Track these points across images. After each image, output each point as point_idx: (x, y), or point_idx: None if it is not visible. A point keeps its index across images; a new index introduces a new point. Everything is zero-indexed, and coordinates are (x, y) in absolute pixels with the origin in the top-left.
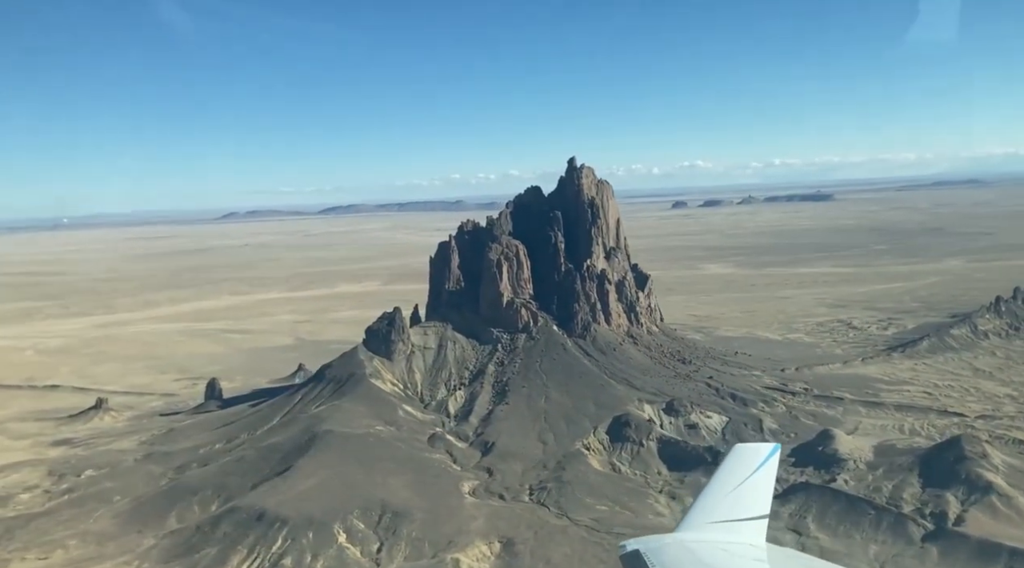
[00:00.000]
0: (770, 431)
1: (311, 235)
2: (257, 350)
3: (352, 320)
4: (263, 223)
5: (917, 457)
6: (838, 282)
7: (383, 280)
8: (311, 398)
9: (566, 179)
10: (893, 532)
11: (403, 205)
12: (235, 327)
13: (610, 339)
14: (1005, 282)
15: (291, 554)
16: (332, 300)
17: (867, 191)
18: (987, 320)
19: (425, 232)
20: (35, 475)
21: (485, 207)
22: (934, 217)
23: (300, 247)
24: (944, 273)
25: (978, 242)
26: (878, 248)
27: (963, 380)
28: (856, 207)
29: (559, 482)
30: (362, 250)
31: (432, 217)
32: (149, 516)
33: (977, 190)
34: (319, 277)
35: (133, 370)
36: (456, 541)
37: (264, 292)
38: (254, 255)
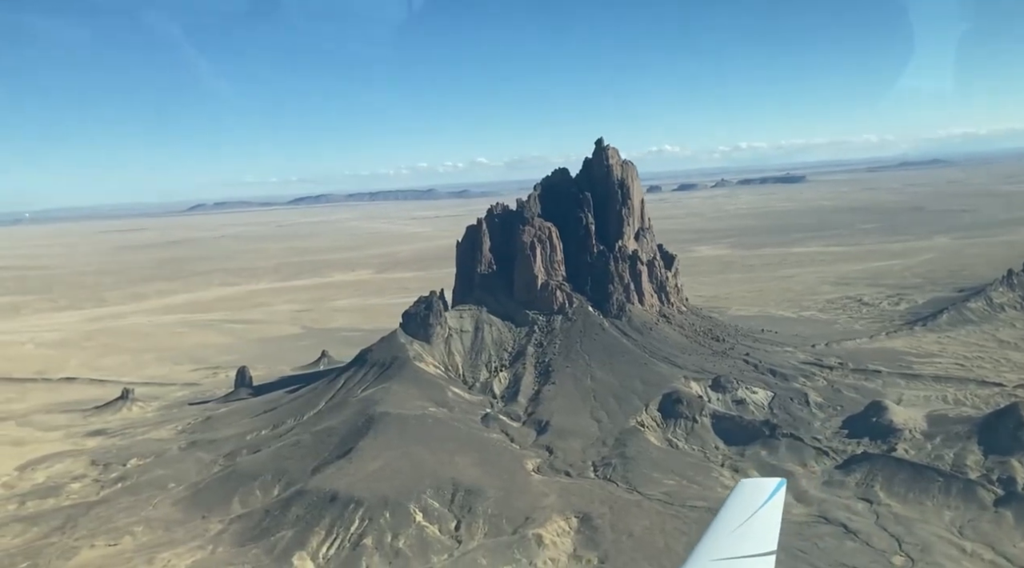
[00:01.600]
0: (816, 404)
1: (285, 225)
2: (267, 339)
3: (355, 308)
4: (233, 214)
5: (974, 425)
6: (835, 260)
7: (375, 269)
8: (355, 382)
9: (593, 160)
10: (964, 498)
11: (374, 194)
12: (235, 318)
13: (645, 319)
14: (999, 257)
15: (371, 534)
16: (328, 289)
17: (835, 172)
18: (1001, 293)
19: (402, 221)
20: (78, 465)
21: (457, 195)
22: (910, 196)
23: (278, 237)
24: (936, 250)
25: (961, 219)
26: (865, 227)
27: (990, 351)
28: (829, 188)
29: (623, 458)
30: (344, 239)
31: (405, 206)
32: (210, 501)
33: (943, 170)
34: (308, 267)
35: (145, 361)
36: (533, 517)
37: (254, 283)
38: (234, 246)
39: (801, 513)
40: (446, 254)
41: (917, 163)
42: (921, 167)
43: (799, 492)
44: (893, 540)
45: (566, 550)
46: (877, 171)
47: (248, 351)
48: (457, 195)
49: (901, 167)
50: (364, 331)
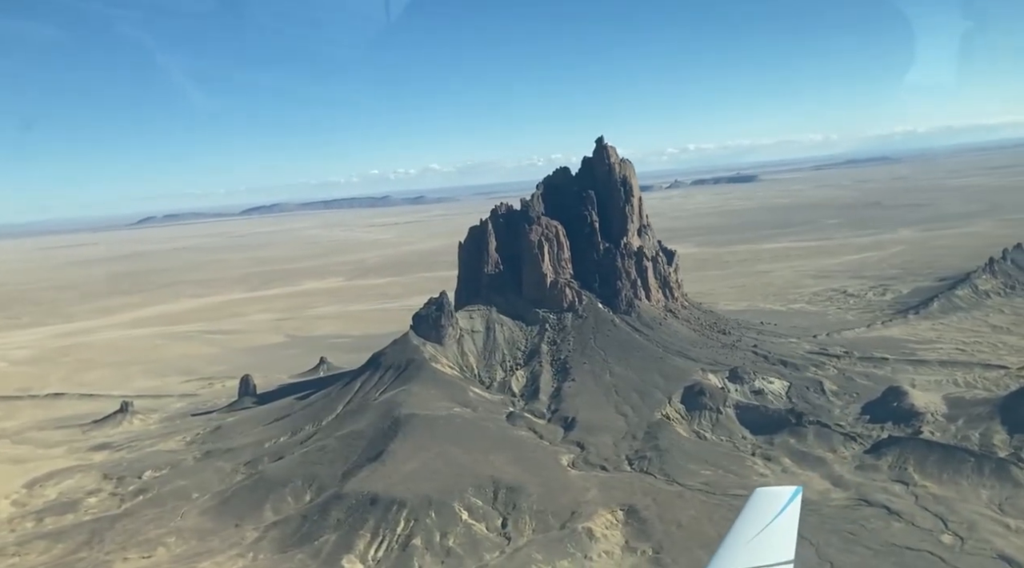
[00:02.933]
0: (831, 392)
1: (241, 236)
2: (253, 349)
3: (337, 315)
4: (185, 226)
5: (994, 406)
6: (809, 255)
7: (346, 276)
8: (372, 385)
9: (595, 158)
10: (998, 477)
11: (328, 203)
12: (213, 328)
13: (653, 314)
14: (967, 248)
15: (419, 534)
16: (302, 297)
17: (785, 171)
18: (985, 280)
19: (361, 228)
20: (90, 480)
21: (412, 201)
22: (864, 193)
23: (238, 248)
24: (905, 242)
25: (921, 213)
26: (829, 222)
27: (986, 336)
28: (782, 186)
29: (657, 450)
30: (307, 248)
31: (361, 214)
32: (241, 509)
33: (890, 166)
34: (276, 276)
35: (131, 375)
36: (579, 511)
37: (225, 293)
38: (195, 258)
39: (841, 497)
40: (419, 259)
41: (862, 161)
42: (867, 164)
43: (835, 477)
44: (937, 520)
45: (618, 542)
46: (824, 169)
47: (237, 361)
48: (413, 201)
49: (847, 165)
50: (353, 338)
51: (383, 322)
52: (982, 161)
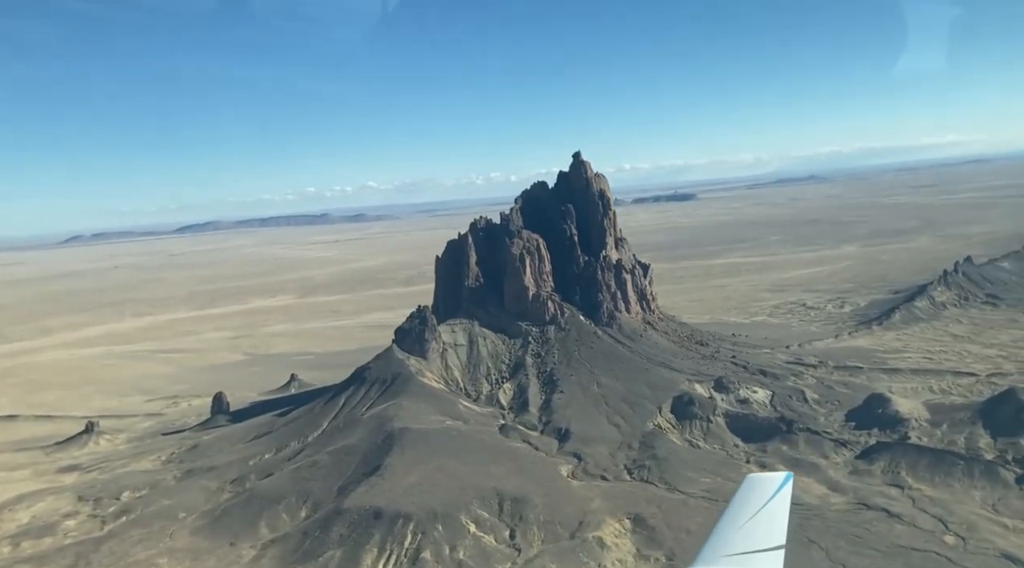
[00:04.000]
0: (813, 401)
1: (178, 254)
2: (213, 367)
3: (293, 333)
4: (116, 244)
5: (975, 411)
6: (759, 270)
7: (296, 294)
8: (358, 400)
9: (572, 173)
10: (988, 479)
11: (265, 220)
12: (166, 347)
13: (634, 326)
14: (912, 262)
15: (427, 547)
16: (254, 315)
17: (720, 190)
18: (941, 292)
19: (301, 246)
20: (63, 502)
21: (352, 219)
22: (800, 210)
23: (178, 266)
24: (850, 257)
25: (859, 229)
26: (772, 239)
27: (949, 345)
28: (720, 204)
29: (655, 459)
30: (249, 266)
31: (300, 231)
32: (234, 528)
33: (820, 185)
34: (222, 294)
35: (87, 395)
36: (586, 521)
37: (171, 312)
38: (133, 276)
39: (840, 502)
40: (368, 277)
41: (792, 180)
42: (797, 183)
43: (831, 482)
44: (937, 521)
45: (629, 551)
46: (757, 188)
47: (198, 380)
48: (352, 219)
49: (779, 184)
50: (315, 355)
51: (343, 339)
52: (907, 180)
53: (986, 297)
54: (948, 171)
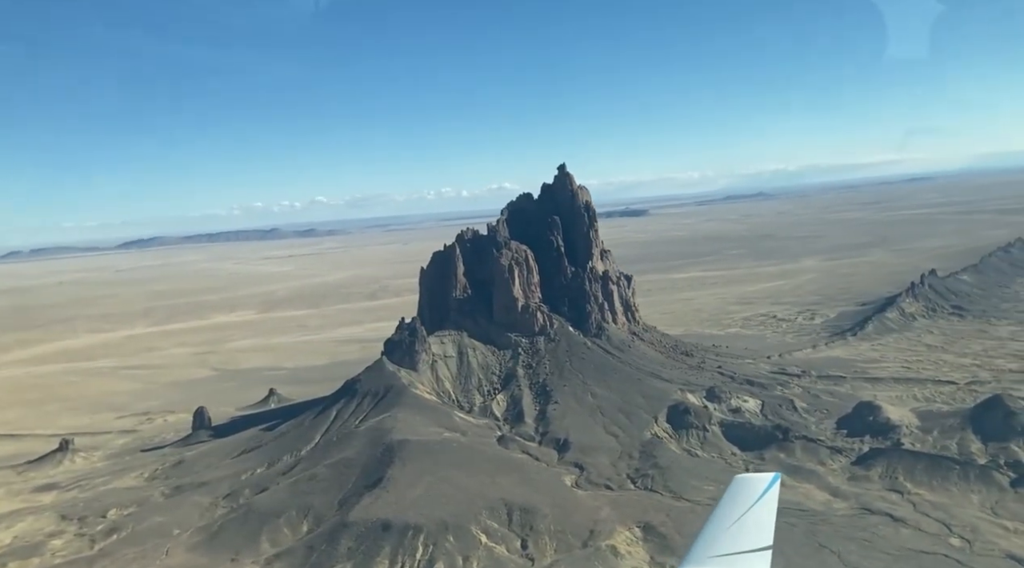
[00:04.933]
0: (802, 409)
1: (127, 270)
2: (181, 383)
3: (262, 348)
4: (58, 260)
5: (963, 418)
6: (724, 283)
7: (257, 309)
8: (350, 413)
9: (556, 185)
10: (983, 483)
11: (213, 236)
12: (129, 363)
13: (621, 337)
14: (873, 276)
15: (440, 559)
16: (217, 331)
17: (670, 206)
18: (909, 304)
19: (254, 262)
20: (45, 522)
21: (303, 234)
22: (753, 226)
23: (127, 282)
24: (812, 271)
25: (816, 244)
26: (732, 253)
27: (923, 354)
28: (673, 220)
29: (658, 468)
30: (204, 282)
31: (250, 247)
32: (234, 543)
33: (767, 202)
34: (180, 309)
35: (52, 413)
36: (596, 530)
37: (127, 328)
38: (82, 292)
39: (844, 507)
40: (330, 292)
41: (740, 197)
42: (745, 200)
43: (832, 488)
44: (941, 525)
45: (643, 558)
46: (706, 204)
47: (168, 396)
48: (303, 234)
49: (727, 200)
50: (288, 370)
51: (313, 354)
52: (852, 198)
53: (952, 308)
54: (889, 189)
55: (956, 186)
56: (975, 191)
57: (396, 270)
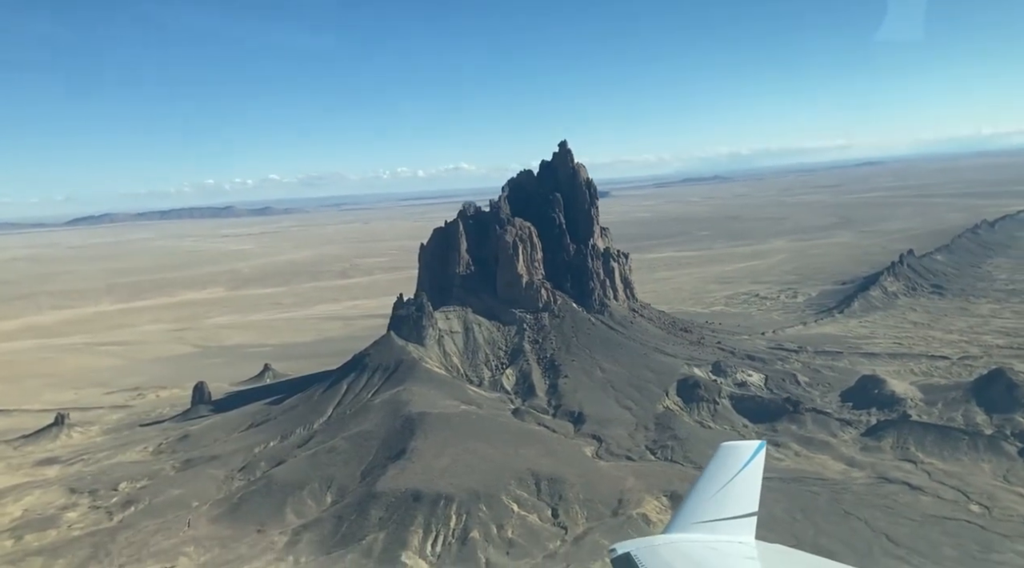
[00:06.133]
0: (805, 383)
1: (79, 247)
2: (164, 360)
3: (240, 325)
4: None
5: (966, 390)
6: (699, 263)
7: (226, 287)
8: (361, 386)
9: (557, 162)
10: (992, 452)
11: (165, 213)
12: (103, 340)
13: (623, 314)
14: (845, 256)
15: (475, 527)
16: (189, 308)
17: (630, 188)
18: (891, 283)
19: (213, 239)
20: (55, 495)
21: (258, 212)
22: (717, 208)
23: (83, 259)
24: (783, 251)
25: (783, 226)
26: (701, 234)
27: (911, 331)
28: (635, 202)
29: (676, 439)
30: (166, 259)
31: (205, 224)
32: (258, 515)
33: (725, 185)
34: (146, 287)
35: (33, 389)
36: (625, 499)
37: (93, 305)
38: (36, 269)
39: (862, 476)
40: (299, 270)
41: (697, 179)
42: (703, 183)
43: (847, 458)
44: (958, 493)
45: None
46: (665, 186)
47: (154, 372)
48: (258, 212)
49: (684, 183)
50: (273, 346)
51: (296, 331)
52: (808, 181)
53: (932, 287)
54: (842, 173)
55: (905, 171)
56: (925, 176)
57: (361, 249)
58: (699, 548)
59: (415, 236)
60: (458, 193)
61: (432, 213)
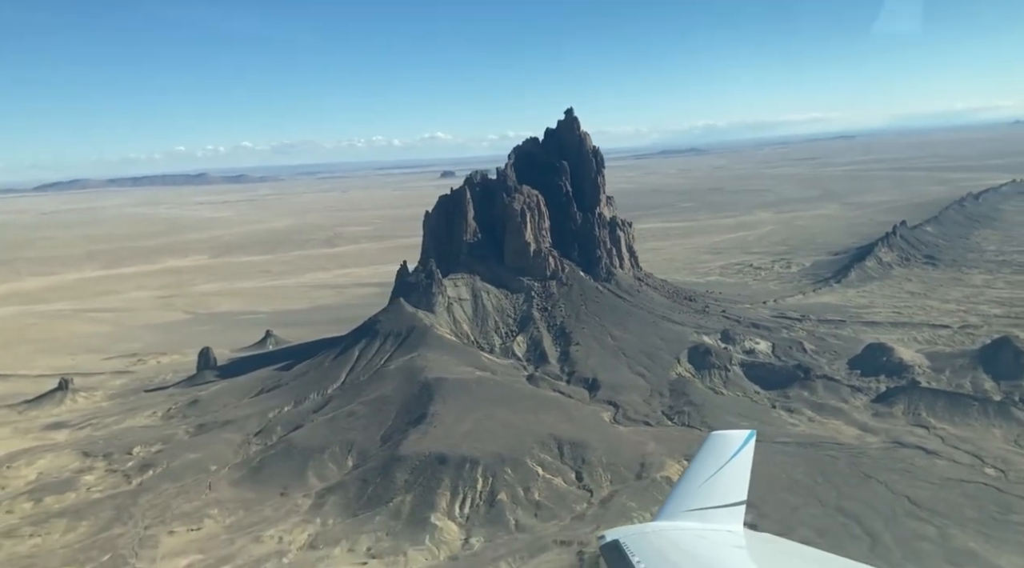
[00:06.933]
0: (811, 351)
1: (51, 213)
2: (156, 326)
3: (230, 293)
4: None
5: (972, 358)
6: (687, 234)
7: (209, 254)
8: (374, 352)
9: (564, 129)
10: (1003, 417)
11: (138, 180)
12: (91, 306)
13: (630, 282)
14: (831, 227)
15: (502, 490)
16: (174, 275)
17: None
18: (885, 253)
19: (189, 207)
20: (68, 458)
21: (233, 180)
22: (698, 180)
23: (59, 225)
24: (770, 223)
25: (765, 198)
26: (686, 205)
27: (909, 300)
28: (616, 173)
29: (692, 405)
30: (143, 226)
31: (180, 192)
32: (280, 478)
33: (703, 157)
34: (127, 254)
35: (27, 355)
36: (647, 463)
37: (74, 271)
38: (10, 235)
39: (876, 441)
40: (284, 238)
41: (674, 151)
42: (681, 155)
43: (860, 424)
44: (972, 457)
45: None
46: (643, 158)
47: (148, 338)
48: (233, 180)
49: (663, 155)
50: (267, 313)
51: (289, 299)
52: (785, 154)
53: (925, 258)
54: (819, 146)
55: (880, 144)
56: (899, 149)
57: (343, 218)
58: (688, 536)
59: (396, 205)
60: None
61: (410, 183)
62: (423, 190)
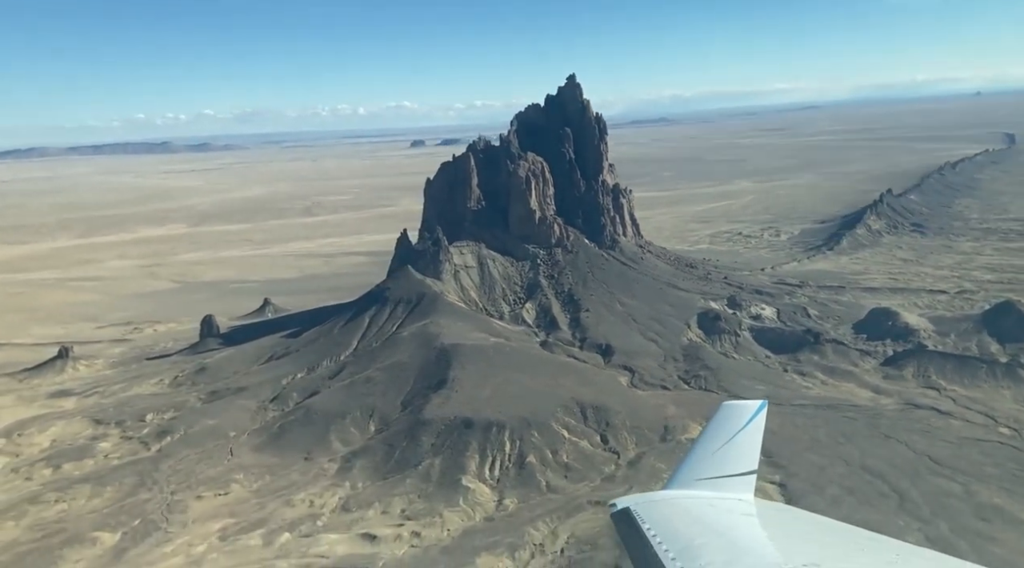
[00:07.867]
0: (816, 316)
1: (11, 181)
2: (146, 295)
3: (215, 261)
4: None
5: (976, 322)
6: (670, 203)
7: (187, 223)
8: (384, 319)
9: (566, 96)
10: (1011, 379)
11: (99, 147)
12: (74, 276)
13: (633, 250)
14: (813, 196)
15: (530, 452)
16: (153, 244)
17: None
18: (874, 221)
19: (156, 176)
20: (80, 426)
21: (196, 148)
22: (674, 150)
23: (24, 193)
24: (751, 192)
25: (744, 167)
26: (665, 175)
27: (902, 267)
28: None
29: (708, 369)
30: (112, 194)
31: (143, 160)
32: (303, 443)
33: (673, 127)
34: (101, 222)
35: (18, 323)
36: (671, 425)
37: (48, 241)
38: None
39: (890, 402)
40: (260, 206)
41: (645, 121)
42: (650, 125)
43: (873, 386)
44: (986, 417)
45: None
46: (614, 128)
47: (139, 307)
48: (197, 149)
49: (633, 125)
50: (258, 282)
51: (277, 268)
52: (755, 124)
53: (912, 226)
54: (788, 116)
55: (847, 115)
56: (867, 120)
57: (317, 187)
58: (698, 504)
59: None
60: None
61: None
62: (395, 159)
